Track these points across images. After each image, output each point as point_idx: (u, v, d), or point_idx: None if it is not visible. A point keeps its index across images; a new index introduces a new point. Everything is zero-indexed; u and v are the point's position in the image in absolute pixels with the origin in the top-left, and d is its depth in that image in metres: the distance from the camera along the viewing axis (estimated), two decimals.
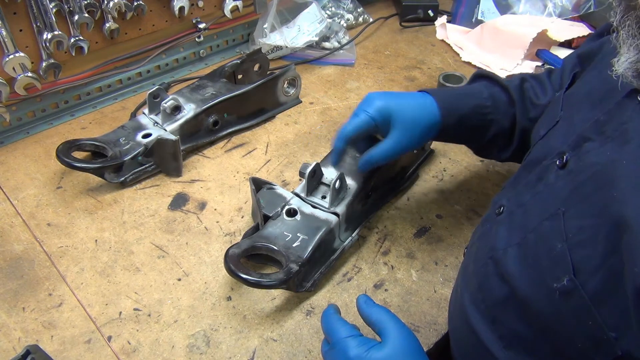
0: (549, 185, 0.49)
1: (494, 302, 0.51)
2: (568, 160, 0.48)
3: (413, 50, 1.24)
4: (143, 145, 0.85)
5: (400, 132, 0.68)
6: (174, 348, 0.65)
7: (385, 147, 0.69)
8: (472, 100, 0.71)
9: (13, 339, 0.65)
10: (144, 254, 0.76)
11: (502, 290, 0.50)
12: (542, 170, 0.52)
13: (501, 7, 1.28)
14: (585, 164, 0.45)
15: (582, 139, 0.48)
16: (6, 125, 0.95)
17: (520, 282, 0.47)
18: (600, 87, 0.51)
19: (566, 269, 0.41)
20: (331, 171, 0.78)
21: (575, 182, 0.45)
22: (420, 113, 0.68)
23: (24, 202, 0.83)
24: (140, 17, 1.01)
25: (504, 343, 0.50)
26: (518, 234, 0.50)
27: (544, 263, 0.45)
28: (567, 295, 0.41)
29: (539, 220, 0.48)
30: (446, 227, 0.82)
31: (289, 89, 1.03)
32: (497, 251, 0.52)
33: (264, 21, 1.14)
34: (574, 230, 0.42)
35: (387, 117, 0.68)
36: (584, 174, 0.45)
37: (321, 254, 0.72)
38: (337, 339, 0.54)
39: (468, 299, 0.55)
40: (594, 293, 0.39)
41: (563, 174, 0.48)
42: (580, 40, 1.17)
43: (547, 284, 0.43)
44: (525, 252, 0.48)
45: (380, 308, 0.56)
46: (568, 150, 0.49)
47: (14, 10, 0.85)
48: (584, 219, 0.42)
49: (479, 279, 0.54)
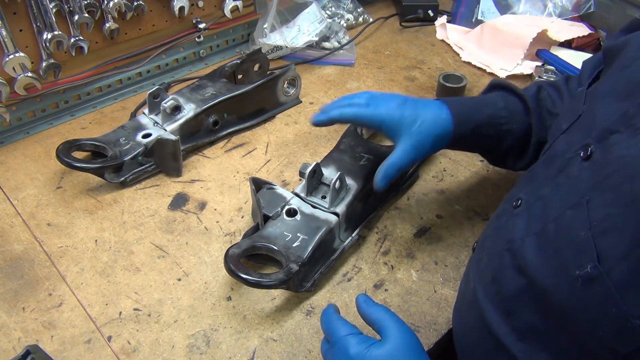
0: (572, 177, 0.49)
1: (509, 294, 0.51)
2: (593, 152, 0.47)
3: (413, 50, 1.24)
4: (143, 145, 0.85)
5: (414, 140, 0.67)
6: (174, 348, 0.65)
7: (398, 155, 0.67)
8: (487, 110, 0.70)
9: (13, 339, 0.65)
10: (144, 254, 0.76)
11: (518, 281, 0.50)
12: (563, 162, 0.51)
13: (501, 7, 1.28)
14: (613, 156, 0.45)
15: (609, 131, 0.47)
16: (6, 125, 0.95)
17: (538, 272, 0.47)
18: (627, 82, 0.51)
19: (590, 257, 0.41)
20: (331, 171, 0.78)
21: (601, 174, 0.45)
22: (435, 122, 0.67)
23: (24, 202, 0.83)
24: (140, 17, 1.01)
25: (519, 336, 0.50)
26: (537, 224, 0.50)
27: (566, 252, 0.44)
28: (590, 282, 0.41)
29: (561, 210, 0.47)
30: (446, 227, 0.82)
31: (289, 89, 1.03)
32: (515, 242, 0.51)
33: (264, 21, 1.14)
34: (599, 218, 0.42)
35: (397, 127, 0.67)
36: (612, 166, 0.44)
37: (321, 254, 0.72)
38: (337, 338, 0.54)
39: (481, 292, 0.55)
40: (619, 281, 0.39)
41: (587, 166, 0.47)
42: (580, 41, 1.17)
43: (569, 273, 0.42)
44: (545, 241, 0.47)
45: (380, 307, 0.56)
46: (593, 143, 0.48)
47: (14, 10, 0.85)
48: (611, 207, 0.41)
49: (493, 272, 0.54)
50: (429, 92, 1.10)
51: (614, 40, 0.62)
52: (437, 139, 0.68)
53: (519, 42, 1.14)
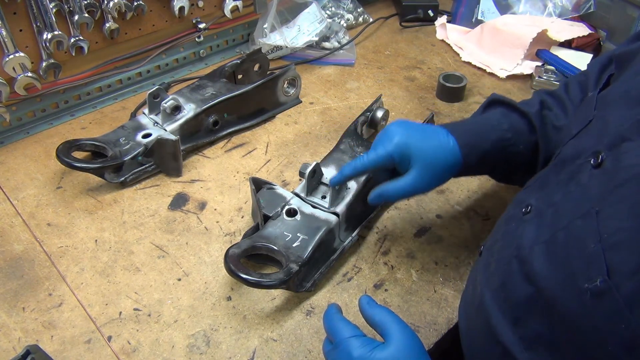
0: (582, 185, 0.48)
1: (517, 302, 0.50)
2: (604, 159, 0.46)
3: (413, 50, 1.24)
4: (143, 145, 0.85)
5: (419, 174, 0.66)
6: (174, 348, 0.65)
7: (402, 185, 0.66)
8: (493, 135, 0.69)
9: (13, 339, 0.65)
10: (144, 254, 0.76)
11: (526, 290, 0.49)
12: (574, 169, 0.51)
13: (501, 7, 1.28)
14: (624, 164, 0.44)
15: (620, 139, 0.46)
16: (6, 125, 0.95)
17: (547, 282, 0.46)
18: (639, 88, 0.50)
19: (600, 270, 0.40)
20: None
21: (612, 183, 0.44)
22: (442, 155, 0.67)
23: (24, 202, 0.83)
24: (140, 17, 1.01)
25: (525, 345, 0.49)
26: (547, 231, 0.49)
27: (575, 262, 0.43)
28: (600, 296, 0.40)
29: (570, 219, 0.46)
30: (446, 227, 0.82)
31: (289, 89, 1.03)
32: (523, 249, 0.50)
33: (264, 21, 1.14)
34: (609, 231, 0.41)
35: (407, 156, 0.66)
36: (622, 175, 0.43)
37: (321, 254, 0.72)
38: (341, 339, 0.54)
39: (490, 297, 0.54)
40: (629, 296, 0.38)
41: (597, 174, 0.46)
42: (580, 41, 1.17)
43: (578, 285, 0.42)
44: (554, 249, 0.47)
45: (383, 309, 0.56)
46: (604, 150, 0.47)
47: (14, 10, 0.85)
48: (622, 220, 0.41)
49: (502, 278, 0.53)
50: (429, 92, 1.10)
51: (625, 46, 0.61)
52: (445, 170, 0.67)
53: (519, 42, 1.14)
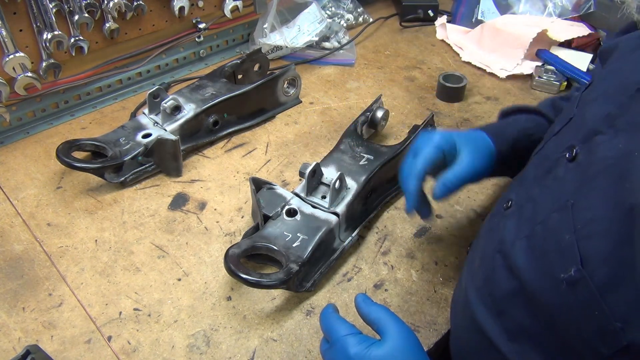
0: (558, 179, 0.49)
1: (500, 296, 0.51)
2: (578, 153, 0.48)
3: (413, 50, 1.24)
4: (143, 145, 0.85)
5: (470, 152, 0.66)
6: (174, 348, 0.65)
7: (459, 168, 0.66)
8: (517, 125, 0.72)
9: (13, 339, 0.65)
10: (144, 254, 0.76)
11: (509, 283, 0.50)
12: (551, 164, 0.52)
13: (501, 7, 1.28)
14: (597, 157, 0.45)
15: (593, 132, 0.47)
16: (6, 125, 0.95)
17: (528, 275, 0.47)
18: (615, 83, 0.51)
19: (574, 260, 0.41)
20: (331, 171, 0.78)
21: (585, 175, 0.45)
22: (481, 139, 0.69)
23: (24, 202, 0.83)
24: (140, 17, 1.01)
25: (509, 336, 0.50)
26: (527, 226, 0.50)
27: (552, 254, 0.45)
28: (574, 285, 0.41)
29: (547, 213, 0.48)
30: (446, 227, 0.82)
31: (289, 89, 1.03)
32: (506, 244, 0.52)
33: (264, 21, 1.14)
34: (583, 222, 0.42)
35: (453, 143, 0.66)
36: (595, 167, 0.44)
37: (321, 254, 0.72)
38: (337, 337, 0.54)
39: (473, 293, 0.55)
40: (601, 283, 0.39)
41: (572, 167, 0.48)
42: (580, 41, 1.17)
43: (555, 276, 0.43)
44: (533, 244, 0.48)
45: (379, 306, 0.56)
46: (578, 144, 0.49)
47: (14, 10, 0.85)
48: (595, 210, 0.42)
49: (485, 273, 0.54)
50: (429, 92, 1.10)
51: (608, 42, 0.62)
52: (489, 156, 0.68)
53: (519, 42, 1.14)
